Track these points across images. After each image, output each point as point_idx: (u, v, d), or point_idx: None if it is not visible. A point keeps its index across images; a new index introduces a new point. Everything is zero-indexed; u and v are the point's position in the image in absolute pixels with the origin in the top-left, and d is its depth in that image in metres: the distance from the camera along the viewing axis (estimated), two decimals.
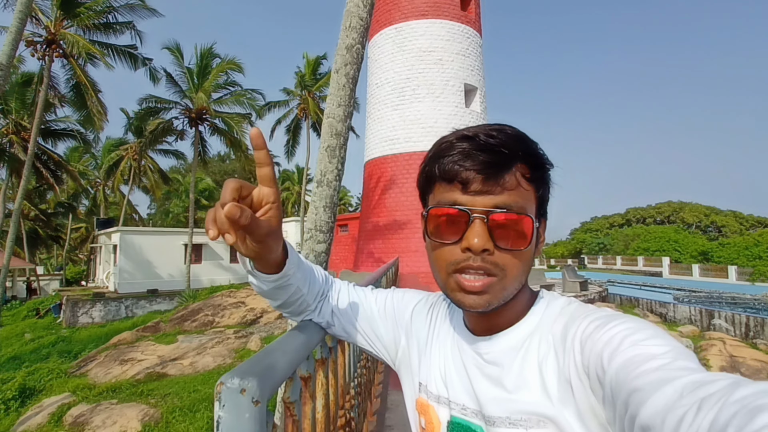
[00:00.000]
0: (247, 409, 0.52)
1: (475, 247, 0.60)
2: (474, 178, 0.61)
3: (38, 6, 14.92)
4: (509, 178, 0.61)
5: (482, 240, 0.60)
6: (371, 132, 15.55)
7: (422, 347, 0.80)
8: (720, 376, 0.41)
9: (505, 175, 0.61)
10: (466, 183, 0.62)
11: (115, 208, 37.03)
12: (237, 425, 0.52)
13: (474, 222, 0.61)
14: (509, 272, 0.62)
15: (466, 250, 0.61)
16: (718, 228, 48.77)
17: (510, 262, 0.62)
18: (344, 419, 1.36)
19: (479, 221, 0.60)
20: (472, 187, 0.61)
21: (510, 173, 0.61)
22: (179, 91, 21.33)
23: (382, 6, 14.62)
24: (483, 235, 0.60)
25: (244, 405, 0.52)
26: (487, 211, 0.61)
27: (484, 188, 0.61)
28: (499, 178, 0.61)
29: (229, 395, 0.52)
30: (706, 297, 19.01)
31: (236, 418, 0.52)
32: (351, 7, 4.04)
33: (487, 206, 0.61)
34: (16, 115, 20.33)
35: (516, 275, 0.63)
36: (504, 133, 0.62)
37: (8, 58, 8.10)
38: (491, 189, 0.61)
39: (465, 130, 0.65)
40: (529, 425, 0.61)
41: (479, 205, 0.61)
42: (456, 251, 0.62)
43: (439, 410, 0.73)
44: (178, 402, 8.27)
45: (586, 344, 0.56)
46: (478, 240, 0.60)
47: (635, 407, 0.44)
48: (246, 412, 0.52)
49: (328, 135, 4.05)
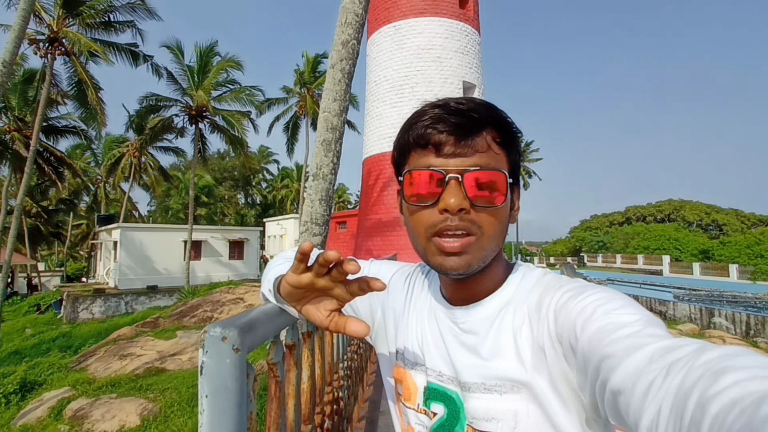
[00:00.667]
0: (228, 355, 0.56)
1: (452, 207, 0.61)
2: (446, 140, 0.63)
3: (41, 5, 14.97)
4: (480, 140, 0.63)
5: (458, 199, 0.61)
6: (370, 129, 15.59)
7: (399, 317, 0.81)
8: (687, 341, 0.43)
9: (476, 137, 0.63)
10: (438, 145, 0.63)
11: (116, 204, 37.07)
12: (218, 369, 0.56)
13: (449, 183, 0.62)
14: (486, 231, 0.63)
15: (444, 211, 0.62)
16: (719, 226, 48.67)
17: (486, 220, 0.63)
18: (331, 396, 1.41)
19: (454, 181, 0.61)
20: (445, 150, 0.63)
21: (480, 136, 0.63)
22: (180, 89, 21.35)
23: (381, 4, 14.64)
24: (459, 194, 0.61)
25: (225, 351, 0.56)
26: (462, 170, 0.62)
27: (457, 150, 0.62)
28: (471, 140, 0.62)
29: (212, 342, 0.56)
30: (706, 295, 18.97)
31: (217, 363, 0.56)
32: (346, 4, 4.08)
33: (460, 167, 0.62)
34: (18, 112, 20.38)
35: (493, 234, 0.64)
36: (473, 102, 0.65)
37: (11, 55, 8.17)
38: (464, 151, 0.62)
39: (436, 100, 0.67)
40: (503, 390, 0.63)
41: (453, 166, 0.62)
42: (434, 214, 0.63)
43: (416, 377, 0.75)
44: (176, 396, 8.32)
45: (560, 313, 0.58)
46: (455, 200, 0.61)
47: (606, 373, 0.46)
48: (227, 357, 0.56)
49: (324, 129, 4.09)
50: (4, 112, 20.16)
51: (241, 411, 0.59)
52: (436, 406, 0.72)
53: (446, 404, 0.70)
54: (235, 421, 0.58)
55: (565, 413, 0.59)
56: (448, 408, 0.70)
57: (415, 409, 0.75)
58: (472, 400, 0.66)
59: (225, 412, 0.57)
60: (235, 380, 0.58)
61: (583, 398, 0.57)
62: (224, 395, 0.57)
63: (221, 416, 0.56)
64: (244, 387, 0.60)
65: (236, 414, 0.58)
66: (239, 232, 26.95)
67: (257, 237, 27.39)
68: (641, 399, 0.41)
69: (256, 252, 26.89)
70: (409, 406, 0.76)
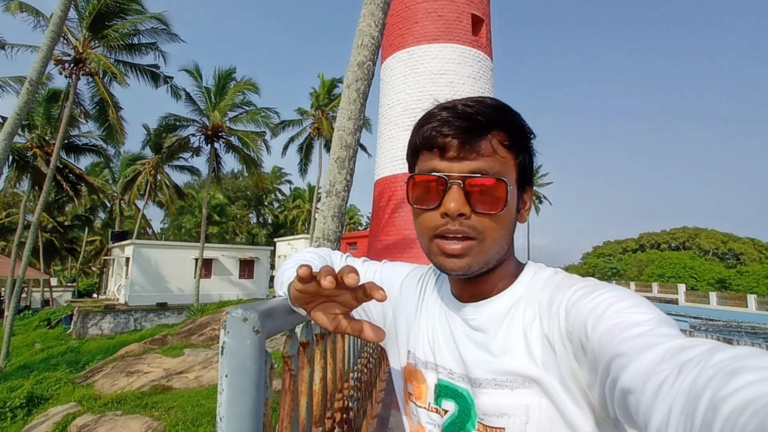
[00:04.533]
0: (249, 336, 0.58)
1: (452, 212, 0.62)
2: (450, 144, 0.64)
3: (68, 27, 15.65)
4: (485, 144, 0.64)
5: (458, 204, 0.62)
6: (382, 151, 15.77)
7: (411, 318, 0.82)
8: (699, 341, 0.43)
9: (481, 141, 0.63)
10: (443, 149, 0.65)
11: (130, 221, 37.65)
12: (239, 349, 0.58)
13: (451, 188, 0.63)
14: (488, 235, 0.64)
15: (444, 215, 0.64)
16: (735, 255, 47.62)
17: (488, 225, 0.64)
18: (341, 403, 1.40)
19: (456, 186, 0.63)
20: (449, 154, 0.64)
21: (486, 140, 0.64)
22: (197, 110, 21.93)
23: (396, 30, 15.03)
24: (459, 199, 0.62)
25: (246, 332, 0.58)
26: (464, 176, 0.63)
27: (461, 154, 0.64)
28: (475, 145, 0.63)
29: (234, 323, 0.58)
30: (724, 326, 18.46)
31: (239, 343, 0.58)
32: (363, 27, 4.22)
33: (463, 172, 0.63)
34: (41, 130, 21.05)
35: (495, 238, 0.65)
36: (482, 103, 0.65)
37: (38, 74, 8.50)
38: (467, 155, 0.63)
39: (446, 102, 0.68)
40: (514, 386, 0.63)
41: (456, 171, 0.64)
42: (436, 217, 0.65)
43: (427, 375, 0.75)
44: (181, 416, 8.23)
45: (571, 311, 0.58)
46: (455, 204, 0.62)
47: (617, 371, 0.46)
48: (247, 338, 0.58)
49: (338, 147, 4.17)
50: (28, 129, 20.83)
51: (259, 393, 0.60)
52: (447, 403, 0.72)
53: (457, 401, 0.70)
54: (253, 401, 0.59)
55: (577, 409, 0.59)
56: (459, 405, 0.70)
57: (426, 407, 0.75)
58: (483, 396, 0.66)
59: (244, 391, 0.58)
60: (255, 361, 0.59)
61: (592, 397, 0.57)
62: (244, 375, 0.58)
63: (240, 395, 0.58)
64: (263, 369, 0.61)
65: (254, 395, 0.59)
66: (250, 251, 27.07)
67: (268, 256, 27.47)
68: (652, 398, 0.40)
69: (267, 271, 26.92)
70: (421, 405, 0.76)
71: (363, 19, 4.44)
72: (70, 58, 16.10)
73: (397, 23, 14.99)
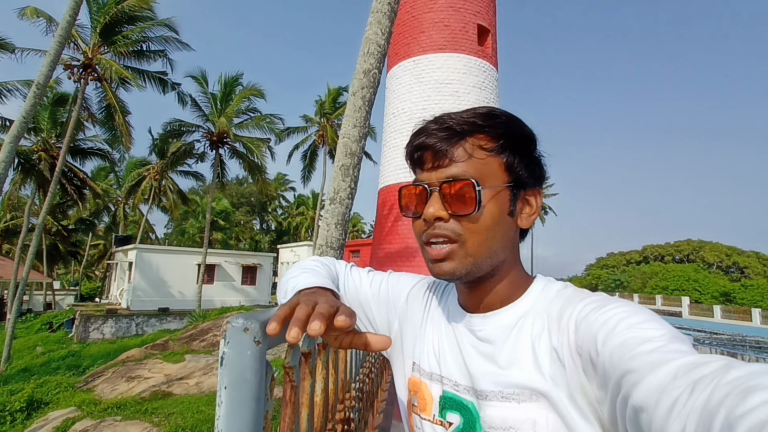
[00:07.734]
0: (249, 347, 0.56)
1: (428, 216, 0.66)
2: (427, 155, 0.68)
3: (78, 32, 15.85)
4: (459, 150, 0.66)
5: (435, 209, 0.65)
6: (386, 159, 15.81)
7: (417, 329, 0.81)
8: (713, 358, 0.42)
9: (455, 148, 0.66)
10: (423, 161, 0.69)
11: (134, 226, 37.79)
12: (239, 360, 0.56)
13: (432, 194, 0.67)
14: (468, 237, 0.65)
15: (425, 221, 0.67)
16: (740, 269, 47.24)
17: (466, 227, 0.65)
18: (343, 414, 1.38)
19: (435, 193, 0.66)
20: (427, 165, 0.69)
21: (459, 146, 0.66)
22: (202, 115, 22.08)
23: (402, 40, 15.13)
24: (435, 204, 0.66)
25: (246, 343, 0.56)
26: (440, 182, 0.66)
27: (435, 163, 0.67)
28: (448, 152, 0.66)
29: (234, 333, 0.57)
30: (728, 340, 18.26)
31: (239, 354, 0.56)
32: (370, 35, 4.25)
33: (441, 179, 0.66)
34: (47, 133, 21.22)
35: (478, 241, 0.65)
36: (471, 111, 0.69)
37: (45, 78, 8.59)
38: (441, 163, 0.67)
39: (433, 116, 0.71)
40: (521, 399, 0.61)
41: (435, 179, 0.67)
42: (421, 224, 0.68)
43: (432, 387, 0.74)
44: (181, 422, 8.18)
45: (581, 325, 0.58)
46: (432, 209, 0.65)
47: (629, 388, 0.45)
48: (248, 349, 0.56)
49: (343, 154, 4.17)
50: (34, 132, 21.01)
51: (259, 405, 0.58)
52: (452, 415, 0.70)
53: (462, 414, 0.69)
54: (252, 414, 0.57)
55: (585, 424, 0.57)
56: (464, 417, 0.69)
57: (430, 420, 0.74)
58: (489, 408, 0.64)
59: (243, 404, 0.56)
60: (255, 373, 0.57)
61: (601, 413, 0.56)
62: (243, 387, 0.56)
63: (239, 408, 0.56)
64: (263, 381, 0.59)
65: (254, 408, 0.57)
66: (253, 257, 27.08)
67: (270, 263, 27.47)
68: (665, 416, 0.39)
69: (269, 278, 26.91)
70: (425, 418, 0.74)
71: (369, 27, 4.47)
72: (79, 63, 16.29)
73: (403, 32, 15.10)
